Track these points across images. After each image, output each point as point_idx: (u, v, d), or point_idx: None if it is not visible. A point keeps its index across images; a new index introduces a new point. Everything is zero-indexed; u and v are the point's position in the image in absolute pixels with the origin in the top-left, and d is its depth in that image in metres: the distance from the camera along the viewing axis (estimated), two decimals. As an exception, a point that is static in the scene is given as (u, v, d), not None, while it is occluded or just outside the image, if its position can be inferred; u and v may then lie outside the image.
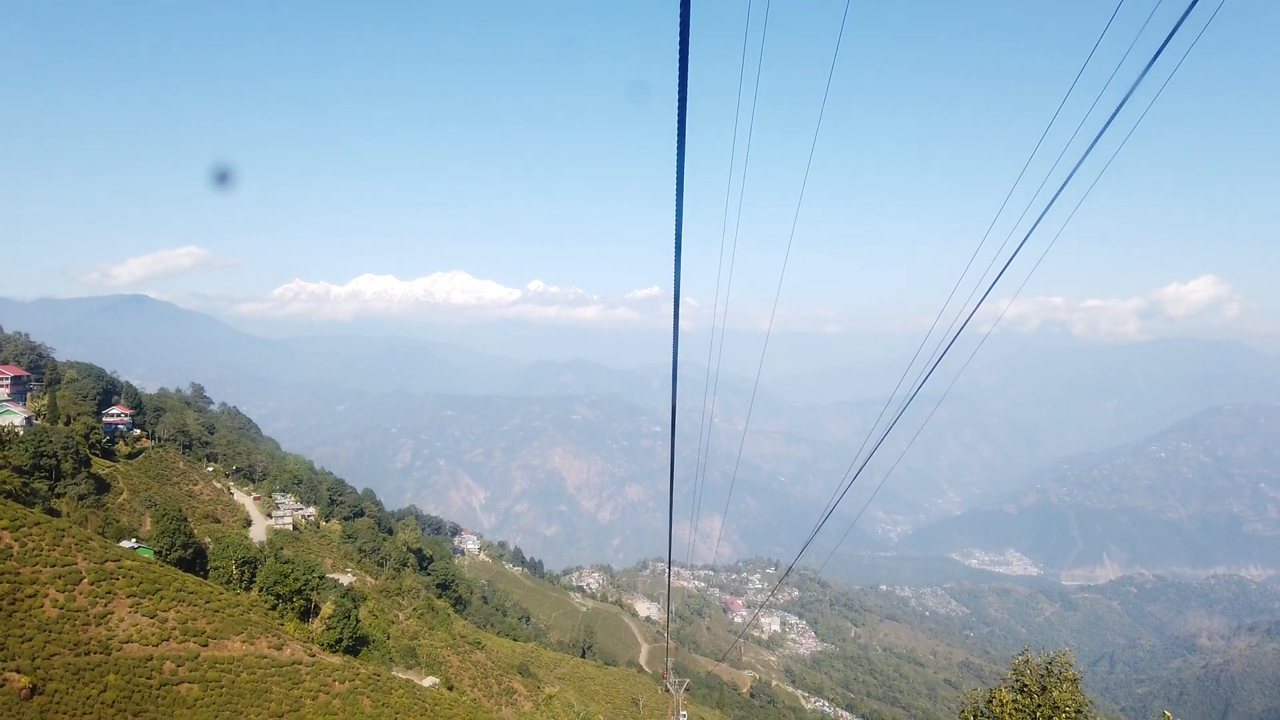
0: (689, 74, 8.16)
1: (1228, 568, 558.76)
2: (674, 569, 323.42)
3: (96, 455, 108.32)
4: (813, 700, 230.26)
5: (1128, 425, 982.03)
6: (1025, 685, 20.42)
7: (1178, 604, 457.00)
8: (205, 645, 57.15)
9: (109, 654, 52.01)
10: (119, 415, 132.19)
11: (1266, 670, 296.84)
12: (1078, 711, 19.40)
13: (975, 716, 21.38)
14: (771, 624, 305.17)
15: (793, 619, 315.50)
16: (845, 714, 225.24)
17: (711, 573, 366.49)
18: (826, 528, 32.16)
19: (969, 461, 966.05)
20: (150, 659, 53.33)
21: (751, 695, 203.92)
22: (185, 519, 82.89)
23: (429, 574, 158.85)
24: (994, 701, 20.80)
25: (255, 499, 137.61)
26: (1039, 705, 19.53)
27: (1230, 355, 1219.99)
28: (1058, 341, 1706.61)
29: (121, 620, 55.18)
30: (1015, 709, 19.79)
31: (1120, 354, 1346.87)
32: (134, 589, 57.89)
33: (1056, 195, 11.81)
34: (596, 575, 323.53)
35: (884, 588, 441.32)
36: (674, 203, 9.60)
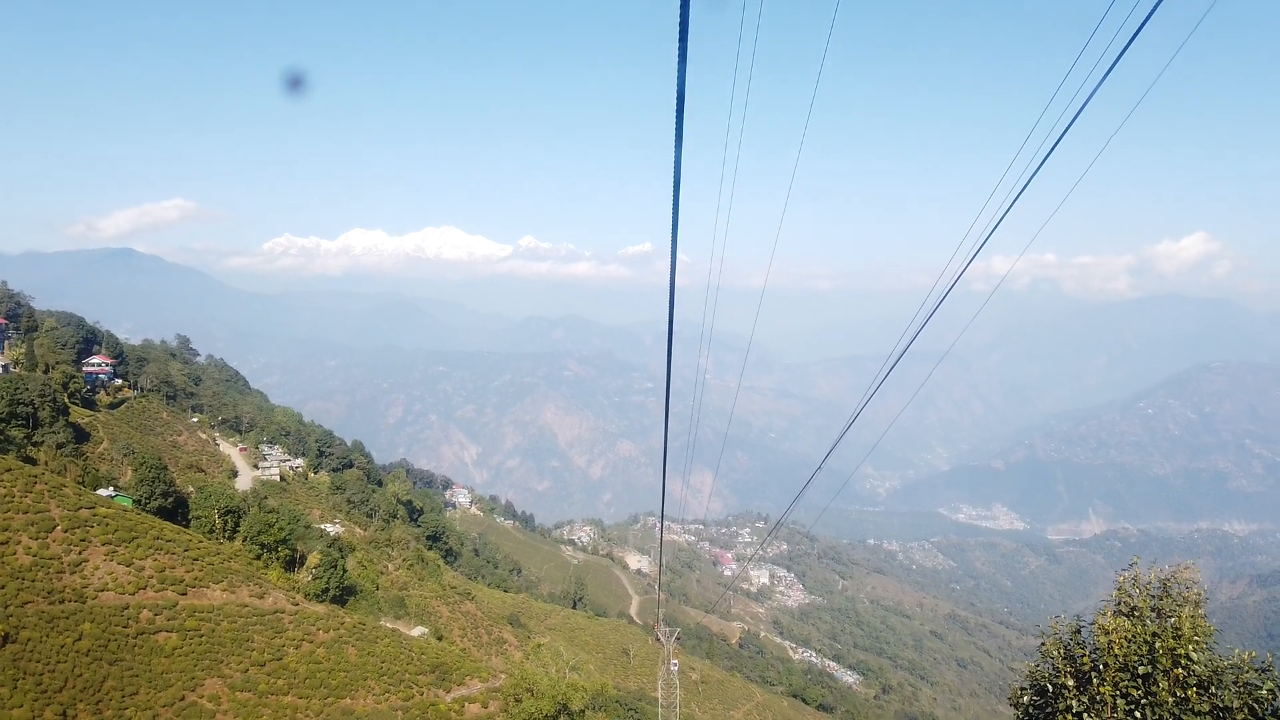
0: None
1: (1211, 522, 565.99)
2: (665, 523, 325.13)
3: (76, 405, 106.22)
4: (800, 651, 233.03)
5: (1117, 382, 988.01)
6: (1135, 608, 16.09)
7: (1161, 558, 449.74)
8: (184, 594, 55.84)
9: (84, 602, 50.69)
10: (100, 365, 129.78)
11: (1247, 623, 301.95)
12: (1204, 642, 15.10)
13: (1060, 652, 16.60)
14: (760, 577, 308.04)
15: (781, 572, 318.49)
16: (832, 664, 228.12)
17: (702, 527, 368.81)
18: (816, 483, 31.14)
19: (959, 419, 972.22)
20: (127, 607, 52.04)
21: (740, 646, 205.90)
22: (165, 467, 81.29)
23: (419, 526, 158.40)
24: (1092, 629, 16.30)
25: (241, 450, 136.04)
26: (1155, 634, 15.25)
27: (1220, 313, 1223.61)
28: (1049, 299, 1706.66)
29: (96, 568, 53.77)
30: (1124, 638, 15.33)
31: (1111, 311, 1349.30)
32: (109, 537, 56.39)
33: (1047, 156, 11.33)
34: (588, 529, 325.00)
35: (872, 542, 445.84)
36: (673, 150, 9.37)
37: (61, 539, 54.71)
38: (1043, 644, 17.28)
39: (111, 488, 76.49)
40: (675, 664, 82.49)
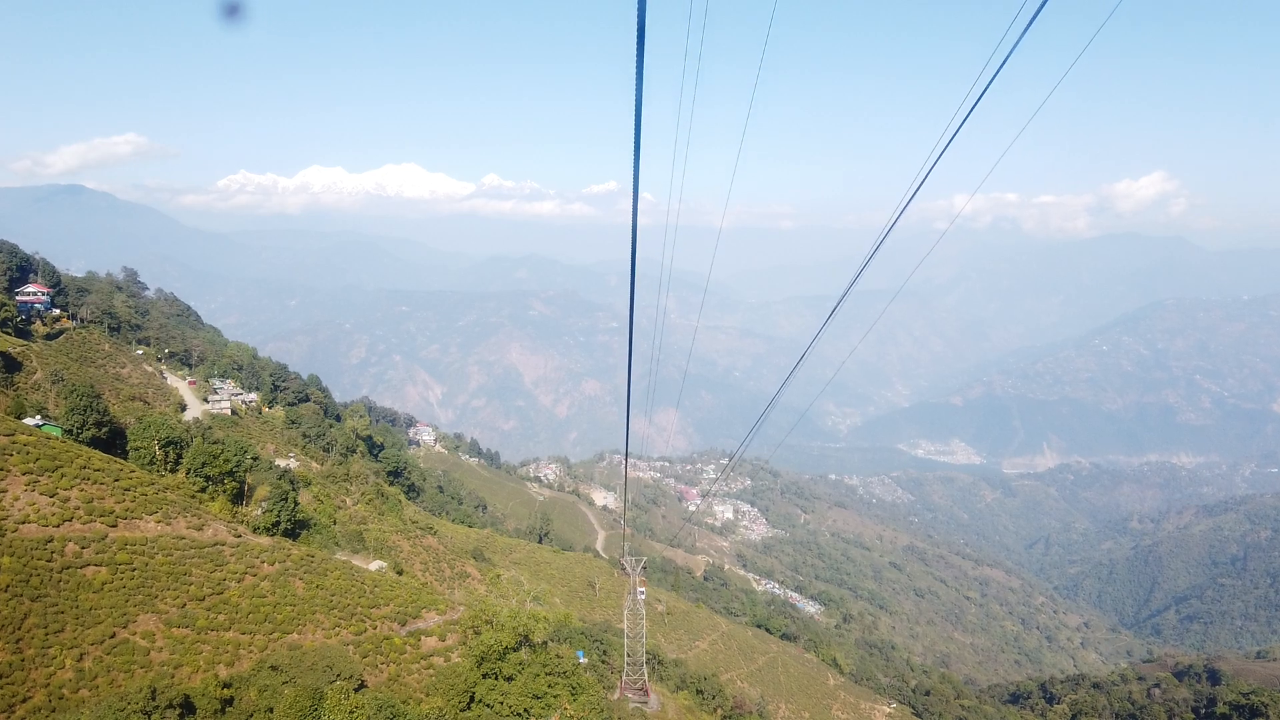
0: None
1: (1160, 455, 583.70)
2: (630, 460, 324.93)
3: (9, 334, 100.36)
4: (763, 582, 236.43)
5: (1072, 320, 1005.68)
6: None
7: (1111, 490, 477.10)
8: (114, 526, 52.15)
9: (3, 535, 46.90)
10: (35, 294, 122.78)
11: (1192, 551, 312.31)
12: None
13: None
14: (724, 511, 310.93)
15: (745, 506, 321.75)
16: (795, 595, 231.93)
17: (667, 464, 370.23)
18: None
19: (918, 355, 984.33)
20: (50, 540, 48.32)
21: (705, 578, 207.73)
22: (99, 396, 76.59)
23: (380, 461, 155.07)
24: None
25: (190, 383, 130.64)
26: None
27: (1173, 251, 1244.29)
28: (1008, 237, 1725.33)
29: (16, 499, 49.79)
30: None
31: (1068, 250, 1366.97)
32: (30, 466, 52.24)
33: (989, 85, 11.50)
34: (554, 466, 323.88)
35: (833, 477, 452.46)
36: (634, 92, 10.22)
37: (-24, 469, 50.62)
38: None
39: (39, 416, 71.87)
40: (642, 591, 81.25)
